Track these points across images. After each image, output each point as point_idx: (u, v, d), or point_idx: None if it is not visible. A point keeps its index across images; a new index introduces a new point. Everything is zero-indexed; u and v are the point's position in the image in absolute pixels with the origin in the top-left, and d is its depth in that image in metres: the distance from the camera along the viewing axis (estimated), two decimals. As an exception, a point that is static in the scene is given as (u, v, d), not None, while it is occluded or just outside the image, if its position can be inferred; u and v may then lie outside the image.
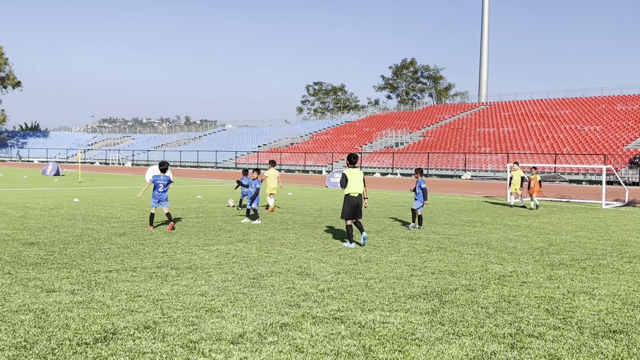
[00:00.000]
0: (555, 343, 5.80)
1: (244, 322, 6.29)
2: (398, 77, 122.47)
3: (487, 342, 5.79)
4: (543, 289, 8.27)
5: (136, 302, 7.00)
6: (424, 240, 12.88)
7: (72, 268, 9.02)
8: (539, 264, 10.28)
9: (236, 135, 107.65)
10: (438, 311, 6.91)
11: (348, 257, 10.57)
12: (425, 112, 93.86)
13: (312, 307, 6.98)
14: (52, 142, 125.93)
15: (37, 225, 14.10)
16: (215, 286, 7.98)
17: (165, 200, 14.14)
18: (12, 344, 5.43)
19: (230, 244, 11.86)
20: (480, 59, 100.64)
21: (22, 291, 7.46)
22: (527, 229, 15.52)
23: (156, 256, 10.23)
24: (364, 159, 69.77)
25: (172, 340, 5.62)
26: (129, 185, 34.58)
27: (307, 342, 5.67)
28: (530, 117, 75.08)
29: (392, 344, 5.66)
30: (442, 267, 9.73)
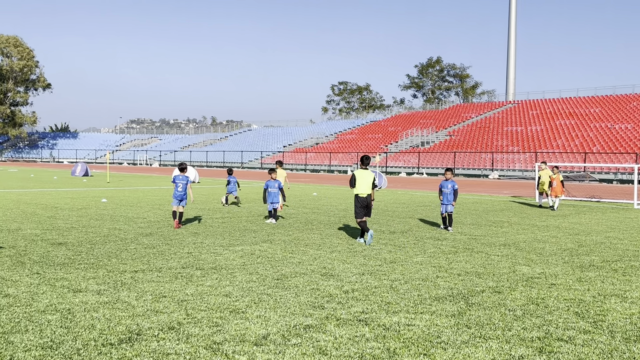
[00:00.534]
0: (586, 347, 5.66)
1: (267, 323, 6.26)
2: (424, 76, 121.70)
3: (515, 345, 5.67)
4: (572, 291, 8.09)
5: (161, 303, 7.03)
6: (450, 241, 12.73)
7: (99, 268, 9.11)
8: (568, 265, 10.08)
9: (261, 135, 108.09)
10: (464, 314, 6.80)
11: (373, 258, 10.49)
12: (451, 111, 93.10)
13: (336, 308, 6.93)
14: (82, 143, 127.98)
15: (65, 226, 14.30)
16: (240, 287, 7.97)
17: (185, 199, 14.53)
18: (38, 344, 5.48)
19: (255, 244, 11.87)
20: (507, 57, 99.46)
21: (50, 291, 7.54)
22: (556, 229, 15.25)
23: (181, 256, 10.28)
24: (389, 159, 69.47)
25: (195, 342, 5.61)
26: (156, 185, 34.92)
27: (331, 344, 5.62)
28: (559, 115, 73.96)
29: (417, 347, 5.58)
30: (468, 269, 9.60)
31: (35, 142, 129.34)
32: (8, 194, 25.26)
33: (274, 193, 15.72)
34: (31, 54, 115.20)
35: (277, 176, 16.45)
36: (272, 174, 16.14)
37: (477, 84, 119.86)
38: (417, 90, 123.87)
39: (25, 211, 17.60)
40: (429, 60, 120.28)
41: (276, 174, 16.30)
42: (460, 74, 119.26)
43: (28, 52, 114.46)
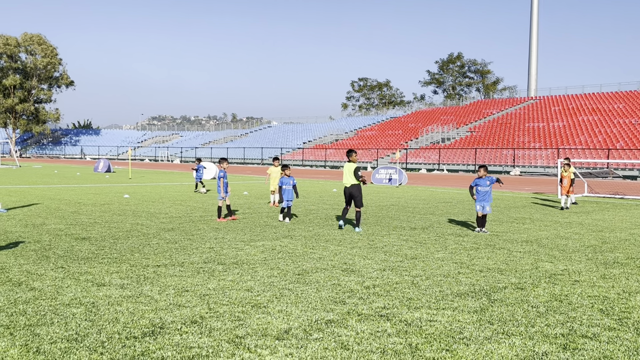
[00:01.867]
0: (611, 345, 5.59)
1: (289, 318, 6.29)
2: (444, 72, 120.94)
3: (538, 342, 5.62)
4: (597, 288, 8.00)
5: (183, 297, 7.09)
6: (471, 238, 12.65)
7: (122, 263, 9.21)
8: (592, 262, 9.95)
9: (281, 132, 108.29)
10: (487, 310, 6.75)
11: (394, 254, 10.47)
12: (472, 107, 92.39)
13: (357, 304, 6.93)
14: (104, 139, 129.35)
15: (89, 221, 14.47)
16: (261, 282, 8.01)
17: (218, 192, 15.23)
18: (64, 336, 5.56)
19: (275, 239, 11.91)
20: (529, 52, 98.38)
21: (74, 285, 7.65)
22: (579, 226, 15.07)
23: (203, 251, 10.35)
24: (409, 155, 69.18)
25: (218, 335, 5.65)
26: (178, 181, 35.18)
27: (353, 339, 5.62)
28: (581, 111, 73.02)
29: (440, 342, 5.56)
30: (490, 265, 9.53)
31: (58, 138, 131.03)
32: (33, 189, 25.63)
33: (289, 190, 15.37)
34: (54, 52, 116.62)
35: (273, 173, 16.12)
36: (285, 171, 15.58)
37: (498, 80, 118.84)
38: (437, 87, 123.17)
39: (49, 207, 17.85)
40: (450, 56, 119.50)
41: (289, 170, 15.87)
42: (482, 69, 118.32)
43: (51, 50, 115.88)
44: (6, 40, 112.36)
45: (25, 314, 6.25)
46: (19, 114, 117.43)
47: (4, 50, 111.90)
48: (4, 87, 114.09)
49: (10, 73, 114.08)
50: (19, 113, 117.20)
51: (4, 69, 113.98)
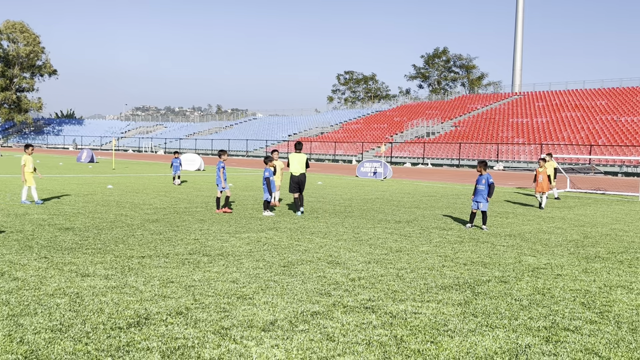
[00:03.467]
0: (592, 337, 5.67)
1: (275, 309, 6.29)
2: (430, 67, 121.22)
3: (522, 334, 5.69)
4: (578, 282, 8.10)
5: (169, 288, 7.07)
6: (455, 231, 12.73)
7: (106, 253, 9.15)
8: (574, 256, 10.08)
9: (267, 124, 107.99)
10: (471, 302, 6.82)
11: (379, 246, 10.51)
12: (457, 102, 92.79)
13: (343, 296, 6.96)
14: (87, 129, 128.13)
15: (72, 211, 14.35)
16: (247, 273, 8.01)
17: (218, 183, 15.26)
18: (48, 326, 5.52)
19: (261, 231, 11.90)
20: (514, 48, 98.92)
21: (58, 275, 7.59)
22: (561, 220, 15.24)
23: (188, 243, 10.31)
24: (394, 149, 69.35)
25: (204, 327, 5.65)
26: (162, 172, 34.97)
27: (339, 331, 5.65)
28: (565, 107, 73.64)
29: (425, 334, 5.60)
30: (474, 259, 9.61)
31: (41, 128, 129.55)
32: (15, 179, 25.34)
33: (274, 182, 15.26)
34: (37, 40, 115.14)
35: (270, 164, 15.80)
36: (270, 163, 15.22)
37: (483, 75, 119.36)
38: (423, 81, 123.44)
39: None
40: (435, 50, 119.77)
41: (273, 162, 15.68)
42: (467, 64, 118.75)
43: (34, 38, 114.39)
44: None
45: (8, 304, 6.20)
46: (0, 102, 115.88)
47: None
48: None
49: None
50: (0, 102, 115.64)
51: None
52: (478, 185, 13.47)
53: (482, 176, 13.46)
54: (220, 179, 15.08)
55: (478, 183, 13.50)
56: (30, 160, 16.22)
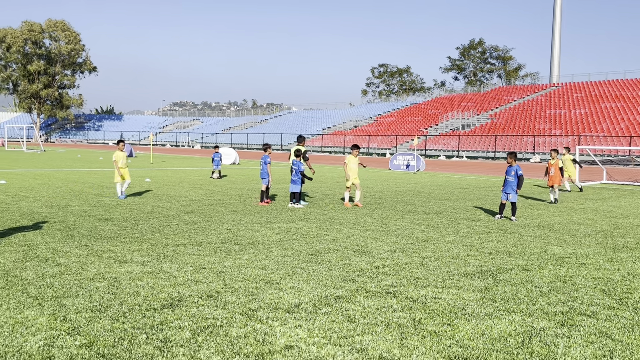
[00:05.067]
0: (608, 322, 5.81)
1: (300, 293, 6.60)
2: (465, 58, 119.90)
3: (538, 318, 5.86)
4: (602, 270, 8.19)
5: (201, 274, 7.44)
6: (484, 222, 12.85)
7: (143, 242, 9.60)
8: (601, 246, 10.12)
9: (301, 118, 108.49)
10: (491, 289, 7.00)
11: (405, 236, 10.72)
12: (493, 94, 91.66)
13: (366, 282, 7.22)
14: (126, 125, 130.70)
15: (111, 203, 14.92)
16: (275, 261, 8.33)
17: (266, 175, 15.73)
18: (88, 307, 5.93)
19: (291, 222, 12.23)
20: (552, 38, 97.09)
21: (97, 261, 8.04)
22: (593, 212, 15.17)
23: (221, 232, 10.70)
24: (428, 142, 69.02)
25: (232, 308, 5.99)
26: (198, 166, 35.67)
27: (359, 313, 5.92)
28: (604, 98, 72.10)
29: (442, 317, 5.83)
30: (499, 248, 9.75)
31: (81, 124, 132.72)
32: (57, 173, 26.26)
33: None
34: (78, 38, 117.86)
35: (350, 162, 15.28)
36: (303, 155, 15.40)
37: (520, 66, 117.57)
38: (458, 73, 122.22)
39: (73, 189, 18.37)
40: (471, 42, 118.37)
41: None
42: (503, 56, 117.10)
43: (75, 36, 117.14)
44: (30, 27, 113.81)
45: (52, 287, 6.65)
46: (43, 99, 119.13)
47: (28, 36, 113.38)
48: (28, 72, 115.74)
49: (35, 59, 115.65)
50: (43, 98, 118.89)
51: (28, 55, 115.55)
52: (507, 177, 13.52)
53: (512, 167, 13.49)
54: (266, 173, 15.52)
55: (507, 174, 13.55)
56: (121, 155, 16.30)
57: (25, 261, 7.97)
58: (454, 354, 4.85)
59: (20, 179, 21.98)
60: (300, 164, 15.09)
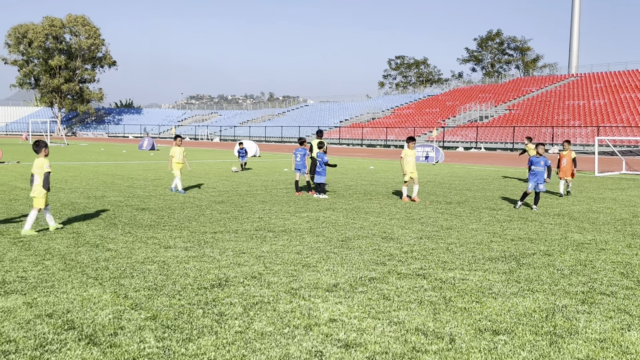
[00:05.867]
0: (626, 300, 6.24)
1: (336, 275, 7.10)
2: (483, 49, 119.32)
3: (560, 297, 6.31)
4: (621, 255, 8.59)
5: (241, 258, 7.97)
6: (505, 211, 13.25)
7: (182, 229, 10.16)
8: (620, 233, 10.49)
9: (318, 110, 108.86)
10: (515, 272, 7.45)
11: (430, 224, 11.18)
12: (511, 85, 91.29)
13: (396, 265, 7.70)
14: (145, 118, 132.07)
15: (144, 194, 15.53)
16: (309, 246, 8.84)
17: (303, 167, 16.24)
18: (145, 286, 6.49)
19: (318, 211, 12.73)
20: (570, 29, 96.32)
21: (144, 247, 8.61)
22: (612, 201, 15.49)
23: (253, 221, 11.24)
24: (447, 133, 69.10)
25: (276, 287, 6.50)
26: (220, 159, 36.31)
27: (394, 292, 6.40)
28: (624, 88, 71.57)
29: (471, 296, 6.30)
30: (521, 235, 10.17)
31: (102, 117, 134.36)
32: (85, 166, 27.02)
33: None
34: (98, 33, 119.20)
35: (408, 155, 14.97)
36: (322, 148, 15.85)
37: (538, 57, 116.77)
38: (476, 64, 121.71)
39: (105, 181, 19.04)
40: (489, 33, 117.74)
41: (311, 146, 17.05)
42: (521, 47, 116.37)
43: (95, 31, 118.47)
44: (51, 22, 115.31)
45: (108, 269, 7.22)
46: (64, 93, 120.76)
47: (49, 31, 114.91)
48: (49, 67, 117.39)
49: (56, 54, 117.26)
50: (64, 93, 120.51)
51: (49, 50, 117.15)
52: (536, 167, 13.65)
53: (541, 158, 13.66)
54: (302, 165, 16.16)
55: (536, 165, 13.68)
56: (178, 151, 16.49)
57: (78, 246, 8.56)
58: (483, 326, 5.32)
59: (53, 172, 22.72)
60: (324, 155, 15.57)
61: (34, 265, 7.36)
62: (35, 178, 9.64)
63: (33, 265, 7.36)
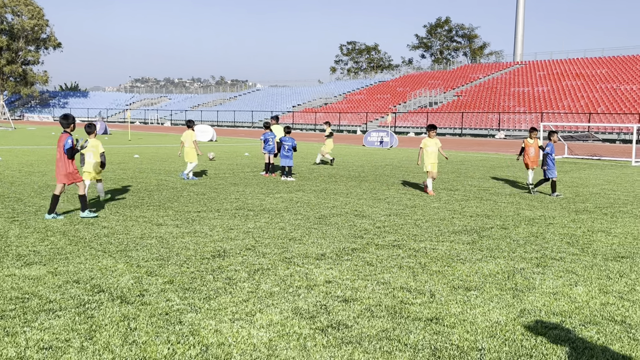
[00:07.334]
0: (573, 263, 7.30)
1: (321, 247, 7.93)
2: (432, 36, 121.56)
3: (518, 262, 7.32)
4: (567, 228, 9.72)
5: (232, 233, 8.70)
6: (461, 192, 14.33)
7: (167, 209, 10.78)
8: (565, 210, 11.69)
9: (270, 95, 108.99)
10: (477, 242, 8.45)
11: (396, 203, 12.13)
12: (459, 72, 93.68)
13: (373, 238, 8.59)
14: (92, 102, 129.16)
15: (115, 177, 15.94)
16: (290, 223, 9.64)
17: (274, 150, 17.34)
18: (152, 257, 7.16)
19: (290, 192, 13.51)
20: (516, 17, 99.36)
21: (137, 225, 9.22)
22: (557, 183, 16.81)
23: (231, 201, 11.93)
24: (398, 119, 70.67)
25: (271, 257, 7.29)
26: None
27: (375, 259, 7.28)
28: (565, 76, 74.67)
29: (442, 262, 7.24)
30: (479, 212, 11.23)
31: (46, 100, 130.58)
32: (43, 150, 26.92)
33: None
34: (41, 13, 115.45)
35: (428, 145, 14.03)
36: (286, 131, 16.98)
37: (485, 45, 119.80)
38: (425, 51, 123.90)
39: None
40: (438, 20, 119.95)
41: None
42: (469, 34, 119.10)
43: (38, 11, 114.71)
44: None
45: (112, 244, 7.84)
46: (7, 75, 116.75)
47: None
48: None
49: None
50: (7, 75, 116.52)
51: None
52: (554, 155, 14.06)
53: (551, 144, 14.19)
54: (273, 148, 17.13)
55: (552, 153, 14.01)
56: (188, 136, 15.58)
57: (74, 224, 9.11)
58: (457, 285, 6.26)
59: (13, 156, 22.69)
60: (294, 140, 16.35)
61: (41, 241, 7.91)
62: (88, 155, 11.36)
63: (40, 241, 7.91)
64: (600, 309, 5.57)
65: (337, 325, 5.00)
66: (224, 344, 4.55)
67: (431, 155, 13.80)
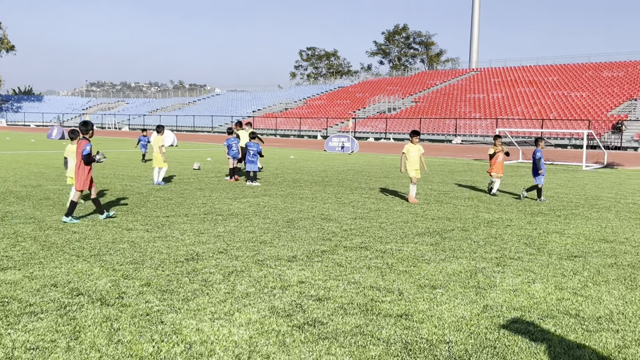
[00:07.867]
0: (530, 263, 7.74)
1: (292, 249, 8.18)
2: (390, 43, 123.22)
3: (479, 261, 7.72)
4: (523, 230, 10.21)
5: (202, 237, 8.87)
6: (422, 196, 14.78)
7: (136, 214, 10.86)
8: (522, 213, 12.23)
9: (230, 100, 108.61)
10: (440, 243, 8.84)
11: (360, 207, 12.47)
12: (417, 78, 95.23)
13: (341, 240, 8.88)
14: (47, 106, 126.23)
15: (79, 183, 15.83)
16: (259, 227, 9.85)
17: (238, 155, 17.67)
18: (126, 261, 7.29)
19: (256, 197, 13.71)
20: (471, 25, 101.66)
21: (107, 230, 9.30)
22: (512, 187, 17.47)
23: (199, 206, 12.07)
24: (357, 124, 71.41)
25: (244, 259, 7.50)
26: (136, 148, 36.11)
27: (345, 260, 7.58)
28: (519, 83, 76.76)
29: (408, 262, 7.58)
30: (440, 215, 11.65)
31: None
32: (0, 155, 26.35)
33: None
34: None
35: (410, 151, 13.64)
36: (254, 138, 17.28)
37: (441, 52, 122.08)
38: (383, 57, 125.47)
39: (31, 171, 19.01)
40: (396, 27, 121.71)
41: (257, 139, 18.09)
42: (426, 41, 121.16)
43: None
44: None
45: (84, 248, 7.92)
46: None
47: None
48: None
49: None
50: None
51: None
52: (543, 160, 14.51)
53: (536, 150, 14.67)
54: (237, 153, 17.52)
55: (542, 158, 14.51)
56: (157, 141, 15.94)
57: (43, 230, 9.13)
58: (423, 283, 6.60)
59: (-31, 162, 22.18)
60: (259, 145, 16.54)
61: (12, 247, 7.94)
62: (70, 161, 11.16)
63: (11, 247, 7.94)
64: (556, 304, 5.98)
65: (313, 322, 5.26)
66: (206, 341, 4.77)
67: (413, 161, 13.69)
